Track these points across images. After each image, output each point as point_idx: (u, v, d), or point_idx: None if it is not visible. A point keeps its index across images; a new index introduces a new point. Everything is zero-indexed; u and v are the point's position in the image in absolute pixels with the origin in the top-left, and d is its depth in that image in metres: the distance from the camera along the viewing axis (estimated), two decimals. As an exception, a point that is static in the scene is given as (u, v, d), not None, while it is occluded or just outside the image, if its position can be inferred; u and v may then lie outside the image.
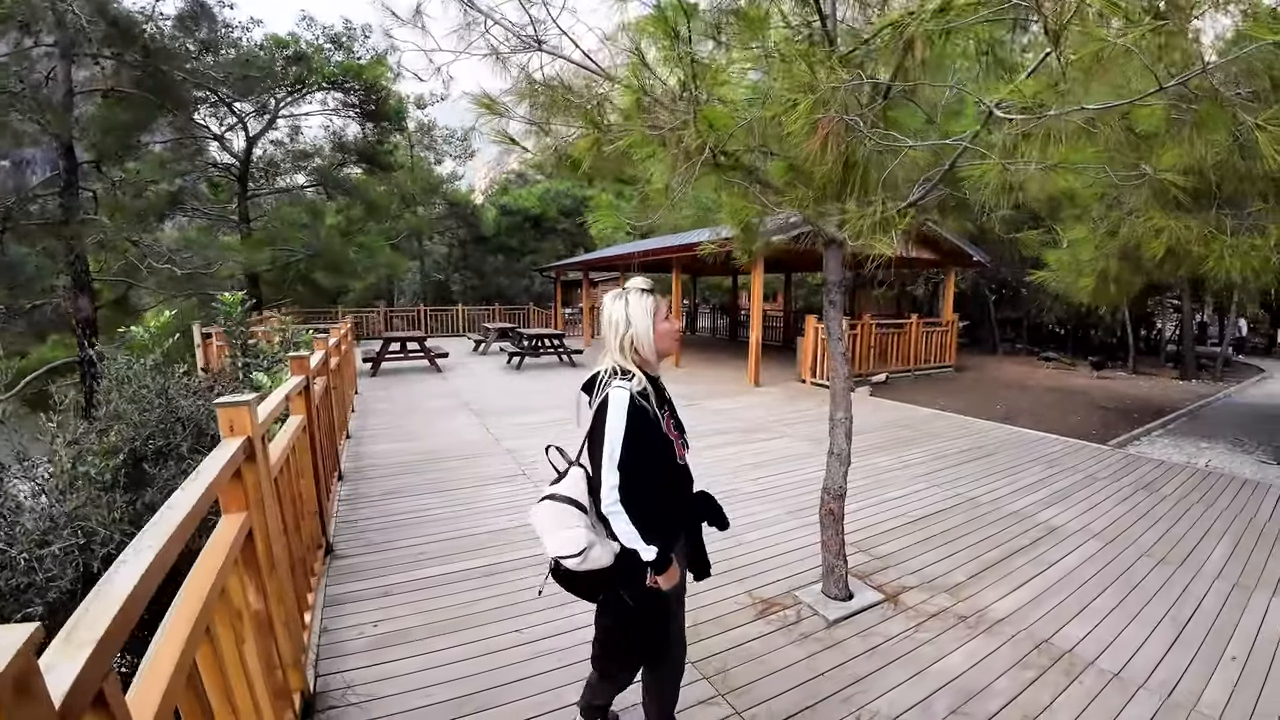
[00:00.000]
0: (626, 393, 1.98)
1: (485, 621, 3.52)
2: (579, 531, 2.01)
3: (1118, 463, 6.97)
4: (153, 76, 15.45)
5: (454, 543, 4.58)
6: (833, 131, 2.24)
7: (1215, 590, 4.04)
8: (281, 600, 2.49)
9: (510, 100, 3.04)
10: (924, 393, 11.76)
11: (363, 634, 3.40)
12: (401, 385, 11.95)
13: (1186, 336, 16.54)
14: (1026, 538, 4.80)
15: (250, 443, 2.27)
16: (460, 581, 3.99)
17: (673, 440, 2.14)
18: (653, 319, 2.07)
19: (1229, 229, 4.62)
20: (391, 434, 7.92)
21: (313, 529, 3.95)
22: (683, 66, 2.69)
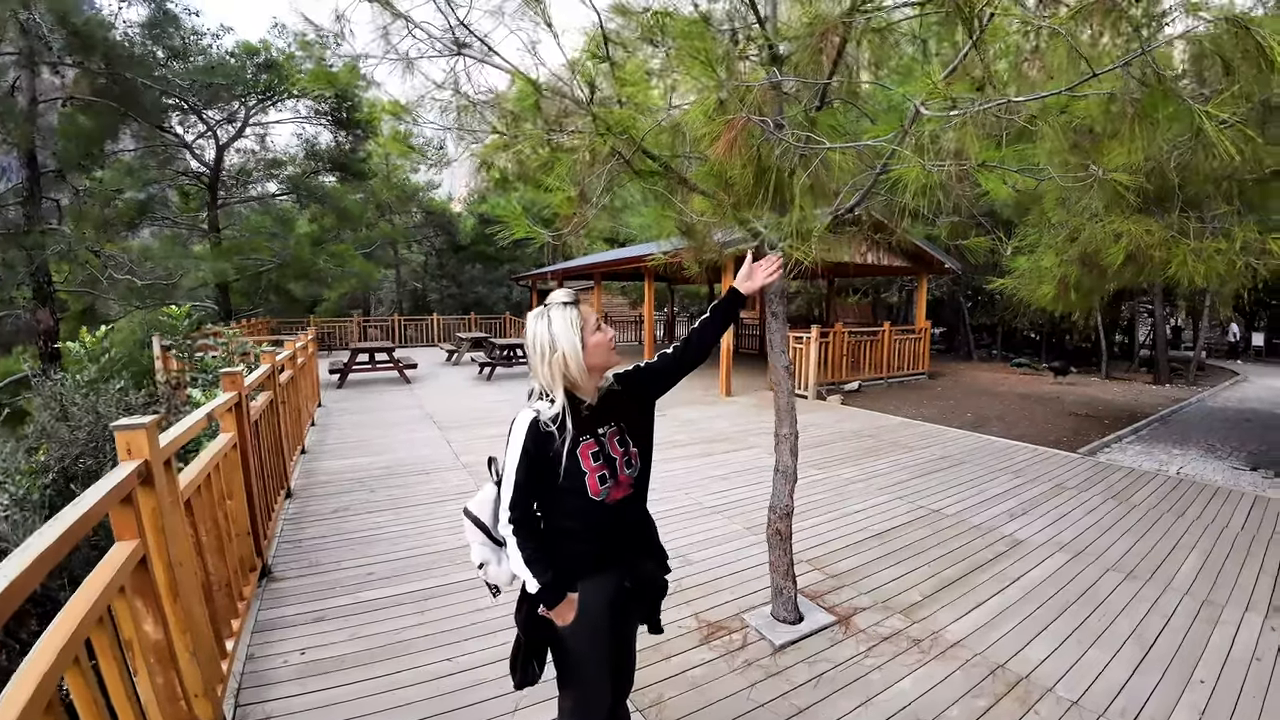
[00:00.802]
0: (530, 417, 1.90)
1: (423, 648, 3.35)
2: (477, 548, 2.07)
3: (1087, 471, 6.85)
4: (117, 84, 15.15)
5: (399, 563, 4.38)
6: (741, 134, 2.08)
7: (1184, 607, 3.88)
8: (189, 629, 2.36)
9: (432, 104, 2.85)
10: (896, 400, 11.67)
11: (288, 662, 3.23)
12: (367, 397, 11.68)
13: (1159, 341, 16.57)
14: (989, 552, 4.64)
15: (147, 466, 2.17)
16: (400, 605, 3.81)
17: (586, 472, 1.91)
18: (580, 334, 1.89)
19: (1192, 232, 4.50)
20: (349, 448, 7.67)
21: (243, 551, 3.78)
22: (593, 65, 2.52)
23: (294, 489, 6.01)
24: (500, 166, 3.93)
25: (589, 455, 1.92)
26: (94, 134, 15.90)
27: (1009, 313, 18.31)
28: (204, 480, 3.02)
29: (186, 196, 22.80)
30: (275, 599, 3.87)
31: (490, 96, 2.75)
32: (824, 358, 12.11)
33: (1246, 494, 6.19)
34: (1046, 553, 4.64)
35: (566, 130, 2.47)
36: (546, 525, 2.00)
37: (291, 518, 5.27)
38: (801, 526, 5.02)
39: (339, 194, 23.54)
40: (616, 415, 2.03)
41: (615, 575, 2.05)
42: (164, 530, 2.26)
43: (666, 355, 2.21)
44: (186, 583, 2.42)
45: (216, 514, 3.21)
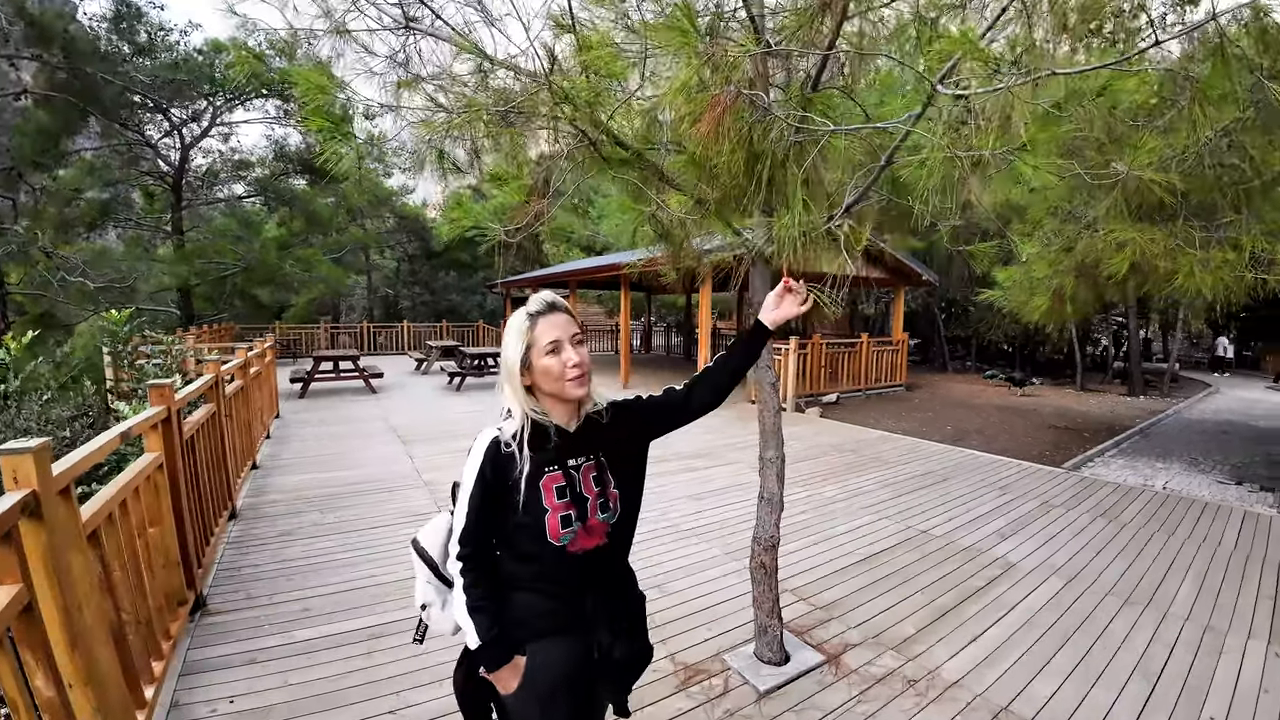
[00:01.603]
0: (490, 437, 1.61)
1: (362, 698, 2.95)
2: (420, 585, 1.76)
3: (1073, 487, 6.65)
4: (78, 79, 14.58)
5: (344, 596, 3.96)
6: (728, 112, 1.78)
7: (1186, 635, 3.65)
8: (91, 681, 2.05)
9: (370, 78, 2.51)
10: (875, 413, 11.49)
11: (216, 711, 2.85)
12: (330, 408, 11.21)
13: (1133, 353, 16.59)
14: (982, 577, 4.38)
15: (35, 497, 1.89)
16: (340, 646, 3.39)
17: (548, 510, 1.57)
18: (524, 350, 1.58)
19: (1198, 242, 4.29)
20: (305, 464, 7.24)
21: (170, 583, 3.38)
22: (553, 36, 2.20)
23: (240, 509, 5.55)
24: (450, 154, 3.58)
25: (552, 490, 1.59)
26: (52, 130, 15.30)
27: (983, 325, 18.31)
28: (118, 508, 2.68)
29: (151, 197, 22.08)
30: (209, 635, 3.48)
31: (437, 70, 2.43)
32: (802, 369, 11.90)
33: (1235, 509, 6.03)
34: (1041, 577, 4.40)
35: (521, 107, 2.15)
36: (503, 569, 1.66)
37: (235, 541, 4.84)
38: (785, 551, 4.71)
39: (309, 197, 22.96)
40: (597, 448, 1.70)
41: (579, 643, 1.67)
42: (57, 570, 1.95)
43: (674, 392, 1.86)
44: (91, 628, 2.12)
45: (135, 545, 2.85)
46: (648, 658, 1.85)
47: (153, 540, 3.17)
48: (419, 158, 2.54)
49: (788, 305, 1.90)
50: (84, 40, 14.68)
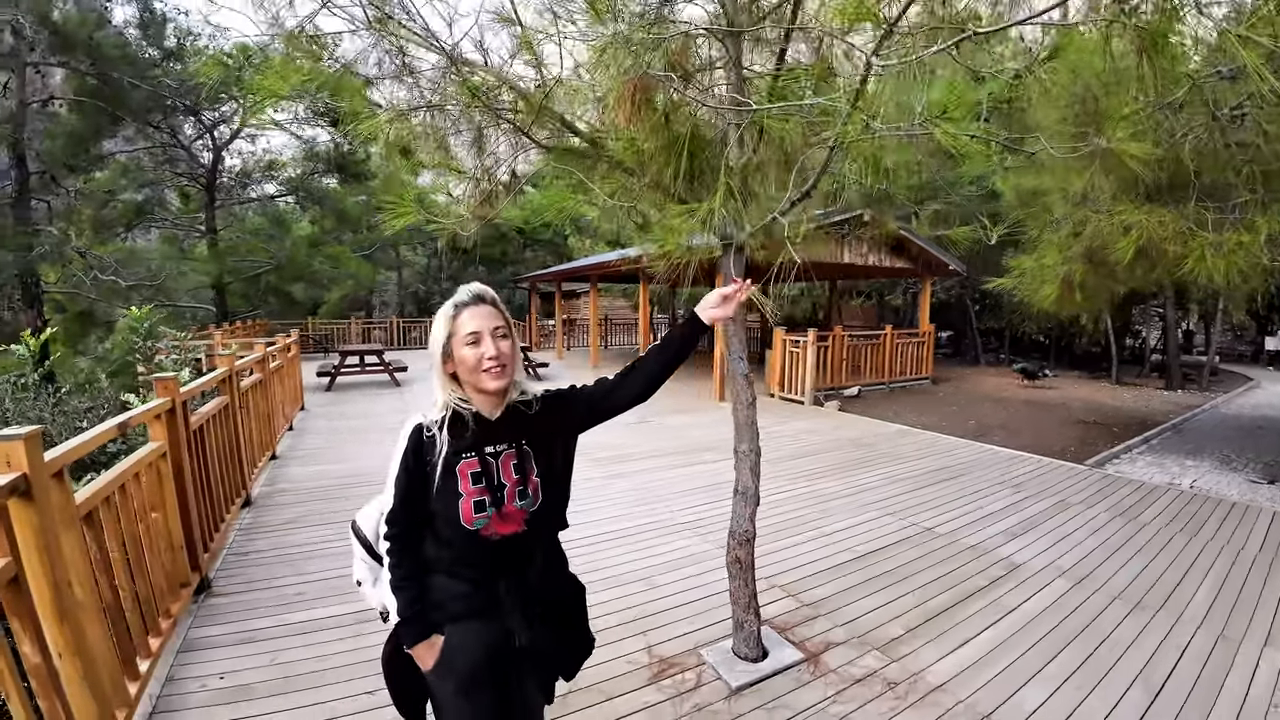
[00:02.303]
0: (413, 422, 1.68)
1: (344, 679, 3.04)
2: (356, 563, 1.88)
3: (1094, 485, 6.42)
4: (107, 84, 14.93)
5: (336, 582, 4.04)
6: (641, 94, 1.69)
7: (1197, 642, 3.46)
8: (80, 652, 2.20)
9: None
10: (896, 406, 11.26)
11: (205, 686, 2.97)
12: (353, 401, 11.36)
13: (1170, 345, 16.05)
14: (984, 578, 4.23)
15: (26, 480, 2.06)
16: (327, 629, 3.50)
17: (462, 495, 1.61)
18: (444, 341, 1.65)
19: (1210, 224, 4.06)
20: (321, 455, 7.35)
21: (173, 565, 3.53)
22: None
23: (256, 497, 5.73)
24: (391, 141, 3.55)
25: (468, 475, 1.63)
26: (82, 134, 15.68)
27: (1016, 316, 17.86)
28: (117, 492, 2.86)
29: (187, 198, 22.58)
30: (209, 616, 3.64)
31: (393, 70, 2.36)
32: (822, 362, 11.71)
33: (1264, 510, 5.76)
34: (1046, 578, 4.23)
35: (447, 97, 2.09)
36: (425, 552, 1.71)
37: (246, 528, 5.02)
38: (777, 546, 4.64)
39: (339, 196, 23.31)
40: (521, 436, 1.72)
41: (495, 628, 1.71)
42: (47, 548, 2.11)
43: (606, 381, 1.89)
44: (81, 603, 2.29)
45: (135, 528, 3.03)
46: (584, 647, 1.94)
47: (155, 524, 3.33)
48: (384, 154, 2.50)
49: (730, 306, 1.89)
50: (110, 46, 14.98)
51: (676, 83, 1.79)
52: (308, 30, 2.27)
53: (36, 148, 15.07)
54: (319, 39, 2.40)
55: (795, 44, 2.52)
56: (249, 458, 5.71)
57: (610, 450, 7.34)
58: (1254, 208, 4.12)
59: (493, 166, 2.43)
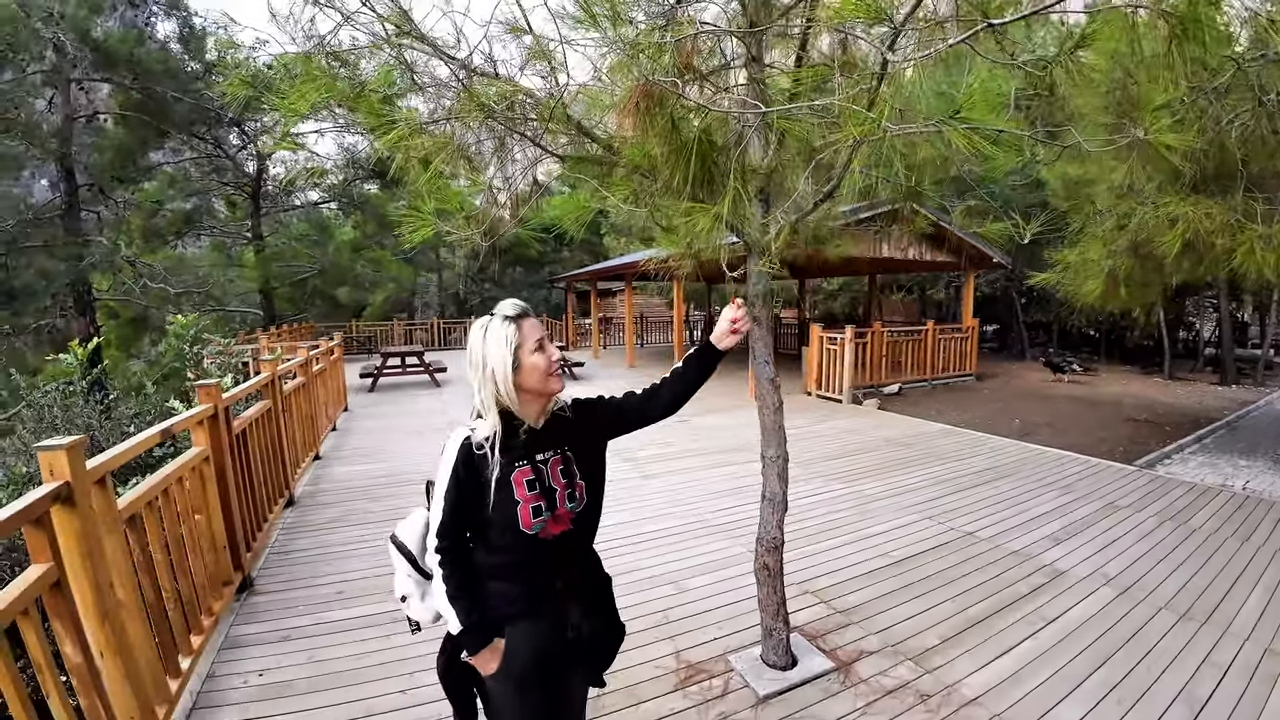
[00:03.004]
0: (462, 437, 1.71)
1: (377, 677, 3.13)
2: (400, 578, 1.89)
3: (1144, 487, 6.21)
4: (151, 98, 15.44)
5: (373, 581, 4.15)
6: (647, 100, 1.67)
7: (1244, 657, 3.31)
8: (121, 651, 2.31)
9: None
10: (939, 404, 11.03)
11: (247, 683, 3.06)
12: (395, 402, 11.56)
13: (1225, 338, 15.44)
14: (1025, 585, 4.11)
15: (69, 487, 2.17)
16: (365, 628, 3.59)
17: (520, 502, 1.68)
18: (512, 352, 1.67)
19: (1259, 216, 3.86)
20: (362, 455, 7.52)
21: (215, 565, 3.67)
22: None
23: (299, 496, 5.90)
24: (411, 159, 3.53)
25: (523, 483, 1.70)
26: (129, 147, 16.23)
27: (1064, 309, 17.36)
28: (160, 496, 2.99)
29: (234, 206, 23.19)
30: (251, 614, 3.77)
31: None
32: (860, 359, 11.54)
33: (1323, 514, 5.51)
34: (1090, 586, 4.09)
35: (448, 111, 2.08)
36: (476, 560, 1.77)
37: (289, 527, 5.17)
38: (811, 550, 4.58)
39: (379, 201, 23.72)
40: (563, 442, 1.82)
41: (550, 623, 1.80)
42: (90, 552, 2.21)
43: (634, 397, 1.99)
44: (123, 603, 2.40)
45: (179, 530, 3.17)
46: (618, 634, 2.01)
47: (198, 526, 3.47)
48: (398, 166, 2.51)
49: (735, 337, 1.99)
50: (152, 61, 15.46)
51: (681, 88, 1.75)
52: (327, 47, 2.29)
53: (85, 161, 15.64)
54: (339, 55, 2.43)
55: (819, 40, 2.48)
56: (291, 459, 5.88)
57: (645, 450, 7.33)
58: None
59: (513, 176, 2.43)
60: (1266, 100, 3.36)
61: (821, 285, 26.38)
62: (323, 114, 2.55)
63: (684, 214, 2.01)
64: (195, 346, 7.07)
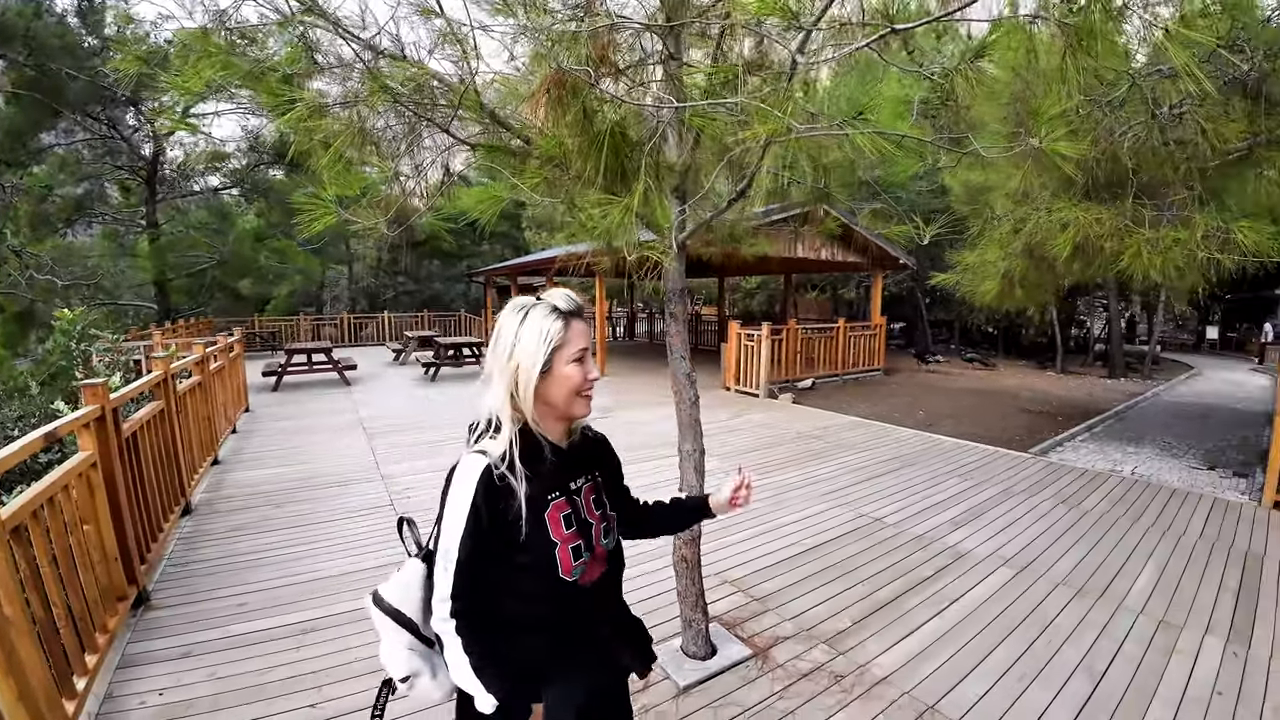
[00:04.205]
0: (481, 466, 1.34)
1: (282, 693, 2.97)
2: (400, 655, 1.42)
3: (1038, 473, 6.57)
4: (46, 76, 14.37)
5: (281, 591, 3.96)
6: (561, 90, 1.64)
7: (1138, 630, 3.54)
8: (12, 672, 2.17)
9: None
10: (849, 398, 11.40)
11: (145, 704, 2.88)
12: (301, 401, 11.07)
13: (1114, 335, 16.56)
14: (930, 567, 4.29)
15: None
16: (271, 641, 3.41)
17: (557, 543, 1.38)
18: (548, 352, 1.35)
19: (1148, 221, 4.15)
20: (266, 458, 7.15)
21: (108, 579, 3.42)
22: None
23: (196, 504, 5.54)
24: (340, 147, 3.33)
25: (560, 520, 1.39)
26: (20, 129, 15.07)
27: (965, 308, 18.22)
28: (45, 505, 2.77)
29: (128, 191, 21.79)
30: (148, 630, 3.53)
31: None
32: (777, 355, 11.81)
33: (1205, 496, 5.95)
34: (991, 567, 4.30)
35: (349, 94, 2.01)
36: (501, 613, 1.42)
37: (186, 536, 4.84)
38: (730, 541, 4.64)
39: (285, 188, 22.69)
40: (594, 466, 1.54)
41: (588, 675, 1.47)
42: None
43: (630, 499, 1.72)
44: (12, 621, 2.25)
45: (66, 541, 2.93)
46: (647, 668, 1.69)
47: (88, 537, 3.22)
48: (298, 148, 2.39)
49: (734, 508, 1.71)
50: (49, 35, 14.40)
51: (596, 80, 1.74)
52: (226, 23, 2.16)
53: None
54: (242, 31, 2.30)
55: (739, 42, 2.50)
56: (188, 463, 5.53)
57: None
58: (1191, 205, 4.23)
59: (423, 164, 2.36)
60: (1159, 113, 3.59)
61: (741, 284, 26.83)
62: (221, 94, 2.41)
63: (594, 205, 1.99)
64: (83, 344, 6.59)
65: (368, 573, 4.16)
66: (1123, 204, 4.05)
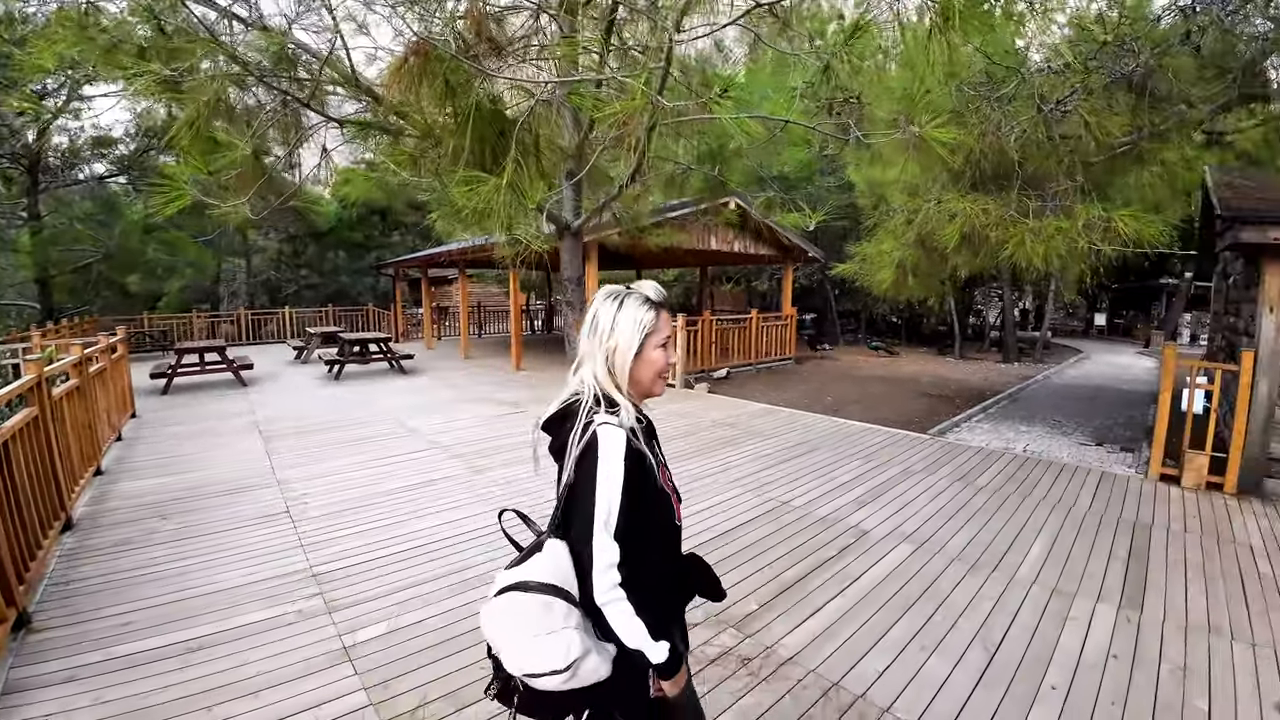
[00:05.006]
0: (622, 432, 1.43)
1: (172, 714, 2.79)
2: (567, 636, 1.40)
3: (936, 453, 6.84)
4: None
5: (170, 608, 3.70)
6: (420, 54, 1.58)
7: (1032, 600, 3.70)
8: None
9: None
10: (762, 386, 11.63)
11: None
12: (193, 405, 10.43)
13: (1008, 323, 17.49)
14: (833, 548, 4.39)
15: None
16: (159, 660, 3.19)
17: (669, 495, 1.56)
18: (642, 340, 1.51)
19: (1032, 211, 4.35)
20: (154, 467, 6.67)
21: None
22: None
23: (78, 518, 5.13)
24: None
25: (665, 477, 1.58)
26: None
27: (871, 299, 18.86)
28: None
29: (9, 182, 20.08)
30: (31, 654, 3.26)
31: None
32: (692, 346, 11.96)
33: (1093, 470, 6.30)
34: (890, 545, 4.44)
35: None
36: (650, 572, 1.48)
37: (68, 553, 4.49)
38: (641, 531, 4.64)
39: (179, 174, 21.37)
40: (655, 438, 1.65)
41: (682, 628, 1.70)
42: None
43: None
44: None
45: None
46: None
47: None
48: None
49: None
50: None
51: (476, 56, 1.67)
52: None
53: None
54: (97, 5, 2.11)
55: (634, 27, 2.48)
56: (68, 475, 5.11)
57: (476, 445, 7.11)
58: (1074, 195, 4.46)
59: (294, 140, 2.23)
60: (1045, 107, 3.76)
61: (659, 276, 26.98)
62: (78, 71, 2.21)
63: (463, 183, 1.91)
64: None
65: (262, 585, 3.95)
66: (1009, 195, 4.24)
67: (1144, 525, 4.91)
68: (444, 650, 3.20)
